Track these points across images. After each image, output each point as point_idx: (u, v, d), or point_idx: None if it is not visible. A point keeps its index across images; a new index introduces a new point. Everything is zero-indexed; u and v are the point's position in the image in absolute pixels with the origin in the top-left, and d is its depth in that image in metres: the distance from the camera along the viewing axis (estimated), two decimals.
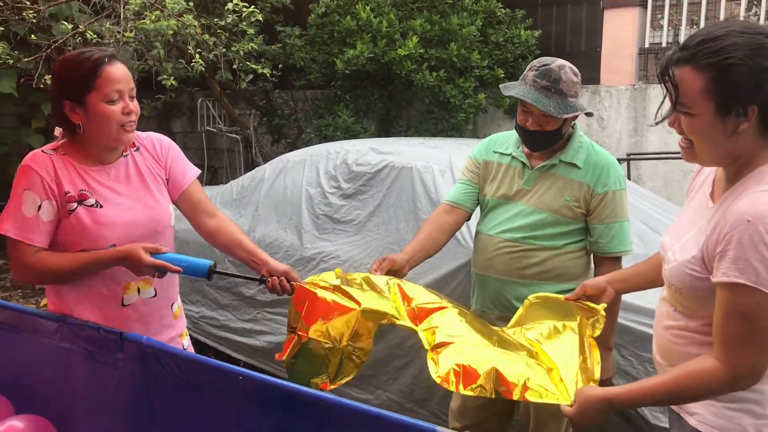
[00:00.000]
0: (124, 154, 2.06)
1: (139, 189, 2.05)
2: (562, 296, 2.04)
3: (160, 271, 1.91)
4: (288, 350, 1.96)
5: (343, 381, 1.94)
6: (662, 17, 6.15)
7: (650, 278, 1.90)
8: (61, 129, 2.04)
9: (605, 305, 1.93)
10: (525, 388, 1.68)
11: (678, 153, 1.56)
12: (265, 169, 4.20)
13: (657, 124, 1.54)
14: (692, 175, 1.70)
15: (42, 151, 1.97)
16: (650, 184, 5.84)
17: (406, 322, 1.92)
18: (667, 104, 1.46)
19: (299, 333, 1.95)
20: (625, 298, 2.59)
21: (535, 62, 2.37)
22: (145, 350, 1.80)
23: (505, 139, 2.52)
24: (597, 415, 1.59)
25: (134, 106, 1.97)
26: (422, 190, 3.32)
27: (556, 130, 2.30)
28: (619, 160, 5.84)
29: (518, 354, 1.81)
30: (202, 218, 2.16)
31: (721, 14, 5.84)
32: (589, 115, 2.39)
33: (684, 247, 1.52)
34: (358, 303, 1.92)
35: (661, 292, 1.68)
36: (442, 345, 1.79)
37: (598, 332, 1.89)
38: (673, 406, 1.64)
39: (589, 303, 1.94)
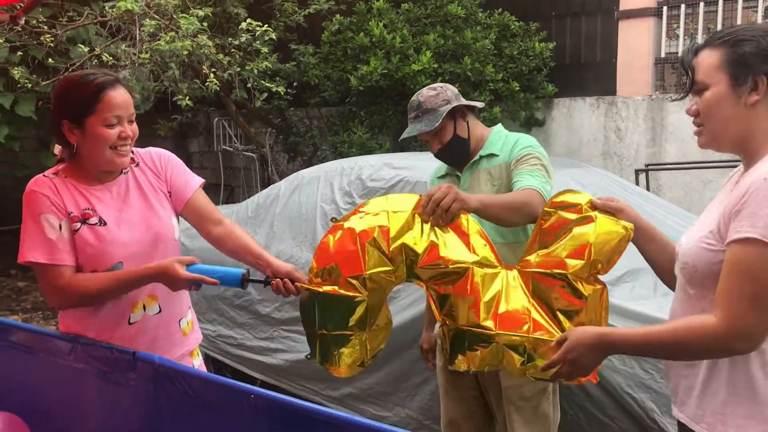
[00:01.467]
0: (124, 171, 2.06)
1: (141, 205, 2.05)
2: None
3: (196, 283, 1.91)
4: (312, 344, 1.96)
5: (376, 353, 1.98)
6: (678, 26, 6.10)
7: (667, 261, 1.76)
8: (60, 147, 2.04)
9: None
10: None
11: (698, 163, 1.61)
12: (279, 187, 4.21)
13: (681, 98, 1.63)
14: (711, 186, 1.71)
15: (43, 175, 1.98)
16: (669, 195, 5.76)
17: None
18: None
19: (317, 332, 1.93)
20: (649, 311, 2.55)
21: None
22: (157, 369, 1.79)
23: (443, 167, 2.66)
24: (588, 354, 1.55)
25: (132, 130, 1.98)
26: None
27: (454, 137, 2.44)
28: (637, 171, 5.82)
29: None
30: (209, 226, 2.15)
31: (738, 22, 5.78)
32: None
33: (700, 228, 1.53)
34: (366, 295, 1.89)
35: (674, 296, 1.66)
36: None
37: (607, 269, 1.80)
38: (688, 422, 1.58)
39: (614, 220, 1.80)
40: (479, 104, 2.58)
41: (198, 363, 2.25)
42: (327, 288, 1.89)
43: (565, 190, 1.91)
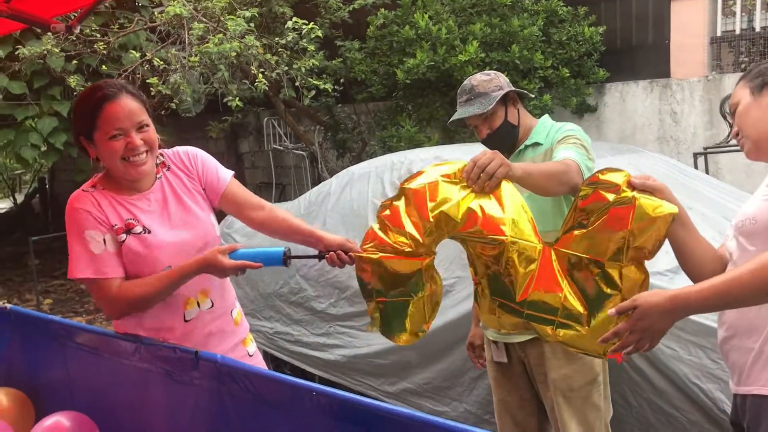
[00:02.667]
0: (157, 176, 2.07)
1: (180, 209, 2.05)
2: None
3: (242, 270, 1.93)
4: (373, 315, 1.95)
5: (433, 317, 1.95)
6: (734, 3, 5.89)
7: (700, 255, 1.72)
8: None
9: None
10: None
11: None
12: (331, 183, 4.22)
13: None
14: None
15: (83, 190, 2.00)
16: (730, 177, 5.58)
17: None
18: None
19: (376, 300, 1.92)
20: None
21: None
22: (219, 368, 1.81)
23: None
24: (659, 319, 1.47)
25: (144, 137, 1.95)
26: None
27: (504, 123, 2.41)
28: (696, 155, 5.65)
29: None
30: (250, 213, 2.15)
31: None
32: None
33: (759, 191, 1.64)
34: (421, 259, 1.87)
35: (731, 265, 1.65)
36: None
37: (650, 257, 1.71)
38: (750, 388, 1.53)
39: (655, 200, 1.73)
40: (530, 94, 2.56)
41: (253, 349, 2.26)
42: (381, 254, 1.87)
43: (603, 169, 1.84)
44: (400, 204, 1.87)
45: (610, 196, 1.71)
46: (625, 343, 1.52)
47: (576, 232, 1.76)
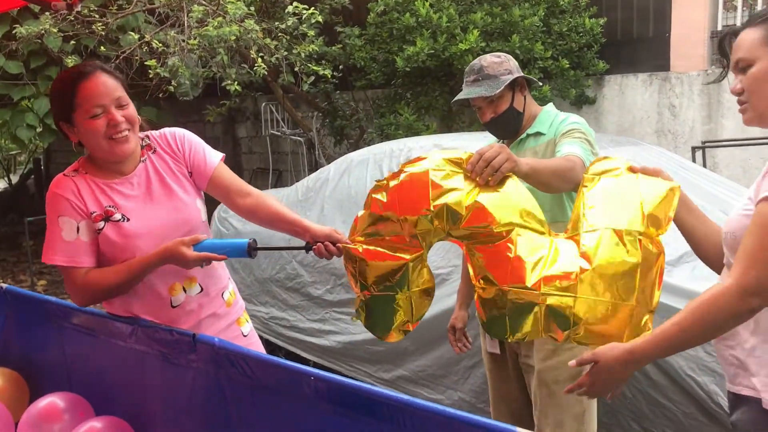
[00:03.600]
0: (141, 159, 2.03)
1: (163, 194, 2.02)
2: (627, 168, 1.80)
3: (207, 261, 1.91)
4: (357, 308, 1.93)
5: (421, 315, 1.89)
6: None
7: (703, 236, 1.71)
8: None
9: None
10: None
11: (757, 139, 1.56)
12: (329, 170, 4.21)
13: (719, 80, 1.63)
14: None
15: (64, 175, 1.97)
16: (727, 172, 5.59)
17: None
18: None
19: (363, 293, 1.89)
20: None
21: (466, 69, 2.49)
22: (217, 351, 1.80)
23: (492, 140, 2.57)
24: (616, 371, 1.51)
25: (125, 114, 1.91)
26: None
27: (509, 109, 2.38)
28: (694, 149, 5.66)
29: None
30: (237, 199, 2.10)
31: None
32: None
33: (740, 202, 1.51)
34: (409, 253, 1.82)
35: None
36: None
37: (665, 228, 1.68)
38: (737, 388, 1.52)
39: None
40: (538, 82, 2.51)
41: (248, 329, 2.24)
42: (369, 248, 1.84)
43: (601, 157, 1.83)
44: (397, 187, 1.81)
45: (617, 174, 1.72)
46: (587, 393, 1.59)
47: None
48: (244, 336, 2.21)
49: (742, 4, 5.85)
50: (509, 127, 2.42)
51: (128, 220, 1.95)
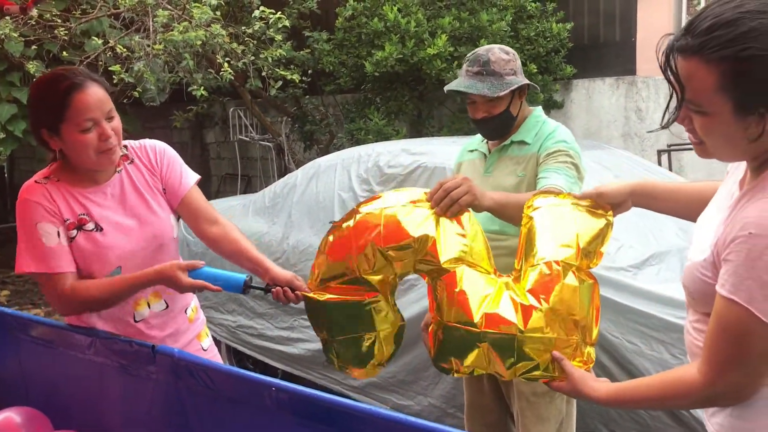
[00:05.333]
0: (117, 169, 1.98)
1: (138, 206, 1.98)
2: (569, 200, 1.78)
3: (199, 289, 1.87)
4: (328, 355, 1.88)
5: (393, 352, 1.84)
6: (699, 2, 5.98)
7: (685, 207, 1.62)
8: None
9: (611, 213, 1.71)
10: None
11: None
12: (296, 175, 4.18)
13: (665, 127, 1.35)
14: None
15: (35, 182, 1.91)
16: (692, 175, 5.67)
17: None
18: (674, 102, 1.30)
19: (327, 339, 1.84)
20: (676, 295, 2.48)
21: (469, 54, 2.38)
22: (177, 362, 1.77)
23: (477, 137, 2.52)
24: (587, 399, 1.54)
25: (114, 126, 1.87)
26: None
27: (504, 112, 2.31)
28: (660, 152, 5.72)
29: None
30: (204, 226, 2.05)
31: None
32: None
33: (699, 244, 1.35)
34: (368, 295, 1.77)
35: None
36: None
37: (597, 262, 1.68)
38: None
39: (596, 209, 1.71)
40: (537, 88, 2.47)
41: (208, 343, 2.21)
42: (329, 296, 1.78)
43: (538, 191, 1.84)
44: (350, 229, 1.75)
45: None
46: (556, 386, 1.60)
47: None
48: (204, 350, 2.18)
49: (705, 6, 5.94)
50: (499, 129, 2.36)
51: (101, 230, 1.91)
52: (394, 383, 3.30)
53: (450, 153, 3.50)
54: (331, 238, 1.79)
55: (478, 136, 2.51)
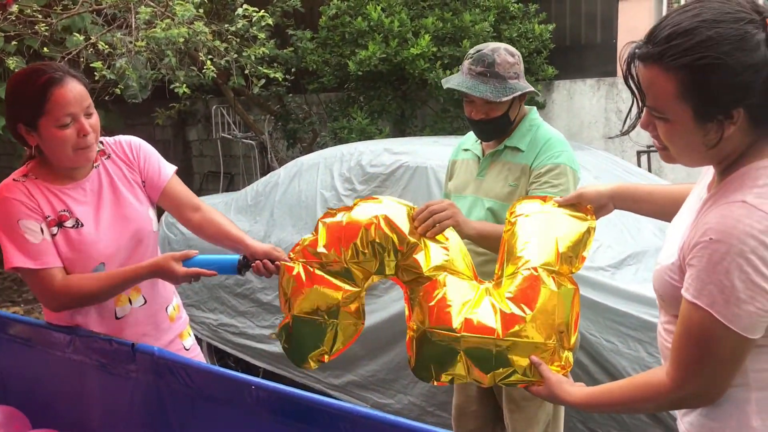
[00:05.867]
0: (95, 165, 1.99)
1: (116, 201, 1.98)
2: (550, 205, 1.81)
3: (195, 277, 1.89)
4: (282, 335, 1.87)
5: (342, 349, 1.83)
6: (678, 4, 6.04)
7: (662, 209, 1.64)
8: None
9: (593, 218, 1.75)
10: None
11: None
12: (279, 174, 4.18)
13: (625, 134, 1.39)
14: None
15: (13, 180, 1.90)
16: (672, 176, 5.73)
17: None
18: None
19: (289, 313, 1.84)
20: (654, 294, 2.51)
21: (471, 50, 2.30)
22: (157, 361, 1.77)
23: (472, 135, 2.47)
24: (563, 403, 1.59)
25: (92, 122, 1.87)
26: (438, 189, 3.26)
27: (503, 116, 2.25)
28: (639, 153, 5.78)
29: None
30: (187, 213, 2.09)
31: None
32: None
33: (668, 248, 1.38)
34: (348, 284, 1.80)
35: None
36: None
37: (579, 267, 1.72)
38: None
39: (578, 212, 1.75)
40: (538, 94, 2.41)
41: (190, 343, 2.22)
42: (309, 269, 1.80)
43: (521, 198, 1.89)
44: (348, 217, 1.81)
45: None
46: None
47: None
48: (186, 350, 2.18)
49: None
50: (495, 133, 2.32)
51: (82, 225, 1.91)
52: (374, 382, 3.32)
53: (432, 153, 3.53)
54: (324, 220, 1.84)
55: (472, 134, 2.46)
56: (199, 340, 3.43)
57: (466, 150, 2.50)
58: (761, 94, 1.16)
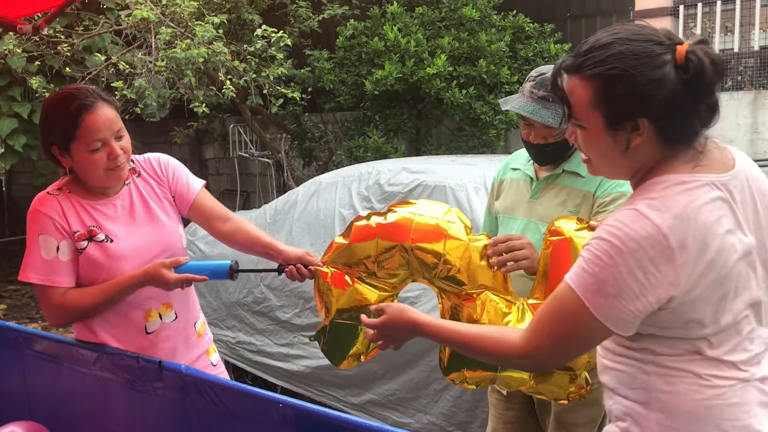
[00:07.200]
0: (126, 182, 2.04)
1: (146, 217, 2.03)
2: None
3: (187, 283, 1.92)
4: (319, 333, 1.96)
5: (377, 350, 1.91)
6: (695, 26, 6.05)
7: None
8: None
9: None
10: None
11: None
12: (297, 192, 4.20)
13: (554, 143, 1.55)
14: None
15: (48, 192, 1.96)
16: None
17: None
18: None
19: (327, 318, 1.93)
20: None
21: (533, 72, 2.24)
22: (183, 379, 1.78)
23: (522, 155, 2.40)
24: (401, 333, 1.63)
25: (123, 144, 1.92)
26: (456, 208, 3.27)
27: (563, 141, 2.12)
28: None
29: None
30: (218, 225, 2.15)
31: (756, 20, 5.73)
32: None
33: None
34: (377, 290, 1.89)
35: None
36: None
37: None
38: None
39: None
40: None
41: (216, 359, 2.25)
42: (338, 272, 1.89)
43: (559, 217, 1.89)
44: (379, 222, 1.87)
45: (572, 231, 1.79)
46: (373, 338, 1.68)
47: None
48: (213, 366, 2.21)
49: (701, 31, 6.02)
50: (552, 157, 2.21)
51: (112, 240, 1.95)
52: (394, 401, 3.31)
53: (449, 172, 3.54)
54: (358, 223, 1.90)
55: (523, 153, 2.37)
56: None
57: (515, 169, 2.39)
58: (663, 108, 1.26)
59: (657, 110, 1.27)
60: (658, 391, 1.33)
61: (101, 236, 1.95)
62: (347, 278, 1.89)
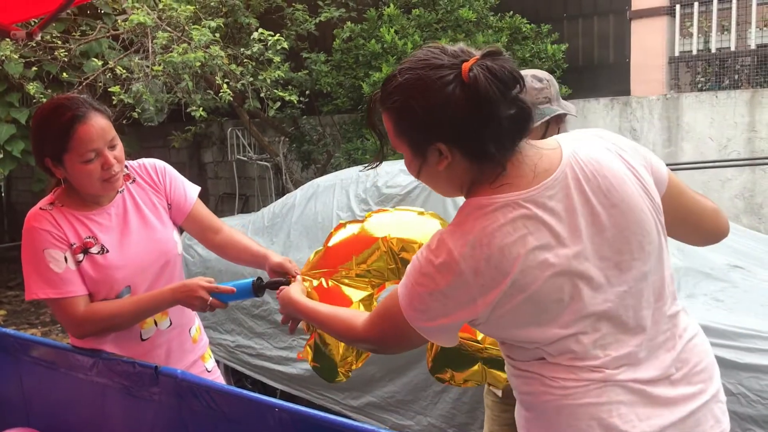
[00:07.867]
0: (120, 189, 2.02)
1: (141, 225, 2.01)
2: None
3: (211, 308, 1.92)
4: (308, 353, 1.96)
5: (367, 355, 1.96)
6: (691, 25, 6.05)
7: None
8: None
9: None
10: None
11: (715, 161, 1.46)
12: (295, 195, 4.20)
13: (374, 167, 1.63)
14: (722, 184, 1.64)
15: (40, 208, 1.93)
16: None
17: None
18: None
19: (315, 332, 1.94)
20: None
21: None
22: (180, 384, 1.78)
23: None
24: (290, 312, 1.77)
25: (116, 154, 1.89)
26: (454, 209, 3.27)
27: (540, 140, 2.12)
28: None
29: None
30: (210, 235, 2.15)
31: (753, 18, 5.73)
32: (560, 117, 2.17)
33: None
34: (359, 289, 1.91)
35: None
36: None
37: None
38: None
39: None
40: (573, 114, 2.22)
41: (211, 365, 2.24)
42: (319, 282, 1.91)
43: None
44: (356, 231, 1.92)
45: None
46: (283, 321, 1.83)
47: None
48: (208, 371, 2.20)
49: (698, 31, 6.02)
50: None
51: (107, 251, 1.93)
52: (393, 403, 3.30)
53: None
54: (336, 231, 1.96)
55: None
56: (216, 362, 3.44)
57: None
58: (454, 129, 1.26)
59: (449, 133, 1.27)
60: (521, 392, 1.41)
61: (96, 248, 1.93)
62: (324, 282, 1.89)
